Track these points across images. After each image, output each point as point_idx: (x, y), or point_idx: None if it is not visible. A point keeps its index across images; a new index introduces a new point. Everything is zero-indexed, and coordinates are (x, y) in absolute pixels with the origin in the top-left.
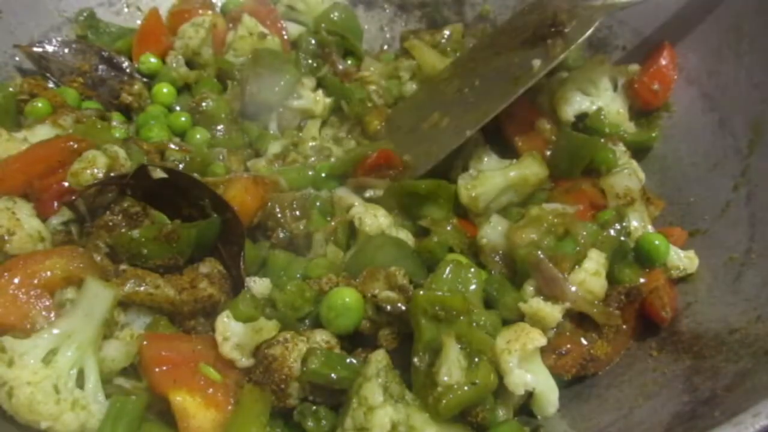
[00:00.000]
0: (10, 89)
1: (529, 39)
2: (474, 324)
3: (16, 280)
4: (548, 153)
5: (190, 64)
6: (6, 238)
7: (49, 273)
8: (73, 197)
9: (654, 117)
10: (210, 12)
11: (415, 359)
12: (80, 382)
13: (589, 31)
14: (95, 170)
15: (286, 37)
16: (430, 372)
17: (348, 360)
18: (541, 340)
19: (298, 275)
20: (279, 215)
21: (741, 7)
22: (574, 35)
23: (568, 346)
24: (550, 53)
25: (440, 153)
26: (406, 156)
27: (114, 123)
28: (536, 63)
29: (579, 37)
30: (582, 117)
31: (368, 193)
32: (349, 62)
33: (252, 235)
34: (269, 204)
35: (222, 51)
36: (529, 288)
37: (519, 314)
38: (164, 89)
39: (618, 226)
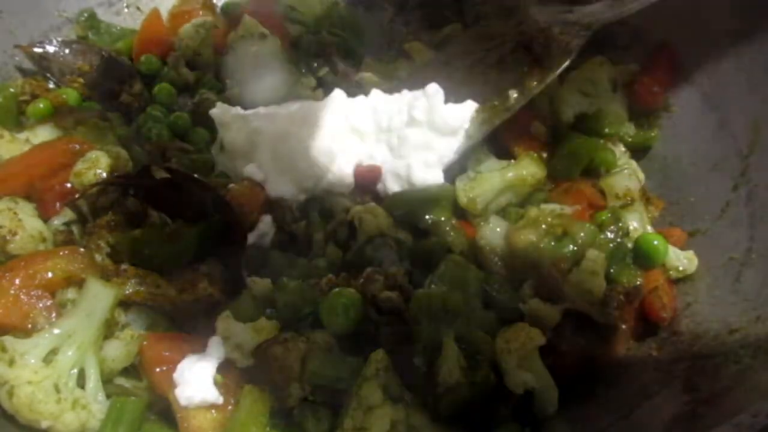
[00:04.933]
0: (11, 90)
1: (506, 58)
2: (473, 324)
3: (17, 281)
4: (546, 154)
5: (190, 64)
6: (8, 238)
7: (50, 273)
8: (76, 196)
9: (654, 117)
10: (210, 12)
11: (415, 359)
12: (81, 381)
13: (567, 62)
14: (98, 171)
15: (286, 37)
16: (430, 372)
17: (348, 360)
18: (540, 340)
19: (298, 276)
20: (279, 216)
21: (741, 7)
22: (551, 65)
23: (567, 346)
24: (526, 84)
25: None
26: None
27: (115, 123)
28: (513, 95)
29: (557, 69)
30: (582, 117)
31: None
32: (349, 62)
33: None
34: (270, 205)
35: (222, 51)
36: (528, 288)
37: (518, 314)
38: (165, 90)
39: (616, 227)
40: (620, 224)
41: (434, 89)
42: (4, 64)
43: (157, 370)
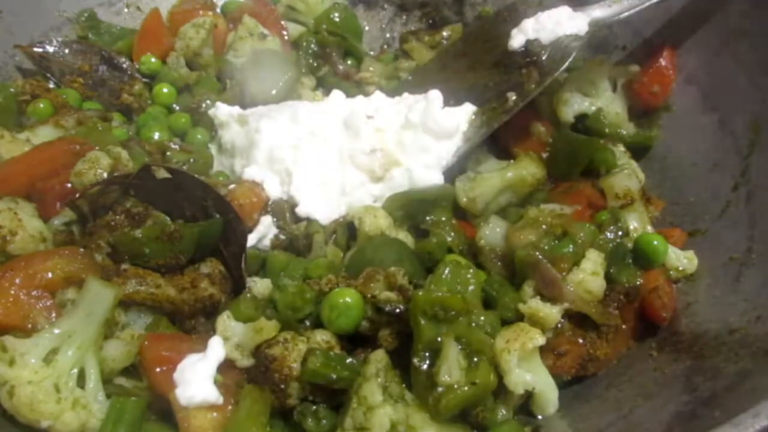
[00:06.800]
0: (11, 90)
1: (503, 62)
2: (473, 324)
3: (17, 281)
4: (546, 154)
5: (190, 64)
6: (8, 238)
7: (50, 273)
8: (77, 195)
9: (654, 117)
10: (210, 12)
11: (415, 359)
12: (81, 381)
13: (566, 64)
14: (98, 170)
15: (286, 37)
16: (430, 372)
17: (348, 360)
18: (540, 340)
19: (298, 276)
20: (279, 217)
21: (741, 7)
22: (549, 67)
23: (568, 346)
24: (525, 87)
25: None
26: None
27: (115, 123)
28: (511, 97)
29: (555, 71)
30: (582, 118)
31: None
32: (349, 62)
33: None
34: (270, 205)
35: (222, 51)
36: (528, 288)
37: (518, 315)
38: (165, 90)
39: (616, 227)
40: (620, 224)
41: (434, 94)
42: (4, 64)
43: (157, 370)
